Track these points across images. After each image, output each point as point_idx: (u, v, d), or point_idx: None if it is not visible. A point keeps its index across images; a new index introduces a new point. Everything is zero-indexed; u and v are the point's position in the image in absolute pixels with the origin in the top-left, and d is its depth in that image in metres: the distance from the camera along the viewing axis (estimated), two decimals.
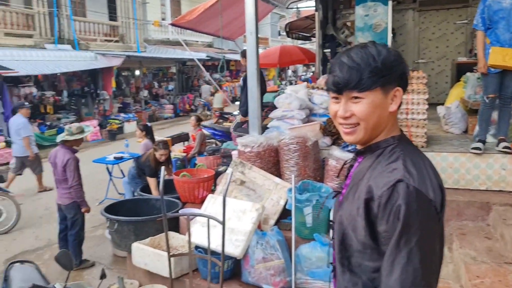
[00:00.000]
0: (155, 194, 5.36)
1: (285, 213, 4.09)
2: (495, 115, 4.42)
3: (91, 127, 5.44)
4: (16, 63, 11.42)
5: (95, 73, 15.13)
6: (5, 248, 5.69)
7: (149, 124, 7.51)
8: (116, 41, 16.72)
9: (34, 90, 13.00)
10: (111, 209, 4.72)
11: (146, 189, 5.48)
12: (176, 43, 19.31)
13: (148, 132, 7.05)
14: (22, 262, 3.18)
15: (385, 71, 1.24)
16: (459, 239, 3.60)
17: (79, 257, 4.98)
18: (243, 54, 6.90)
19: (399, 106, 1.33)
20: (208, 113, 18.57)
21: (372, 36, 6.41)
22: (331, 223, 1.49)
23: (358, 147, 1.40)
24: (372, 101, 1.25)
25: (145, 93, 18.73)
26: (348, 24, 8.33)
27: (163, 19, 20.84)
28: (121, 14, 17.00)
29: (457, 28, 8.31)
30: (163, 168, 3.56)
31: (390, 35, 6.43)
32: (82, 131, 5.00)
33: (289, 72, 32.01)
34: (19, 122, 7.76)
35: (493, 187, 4.19)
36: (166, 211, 3.37)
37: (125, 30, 17.15)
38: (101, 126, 14.47)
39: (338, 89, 1.29)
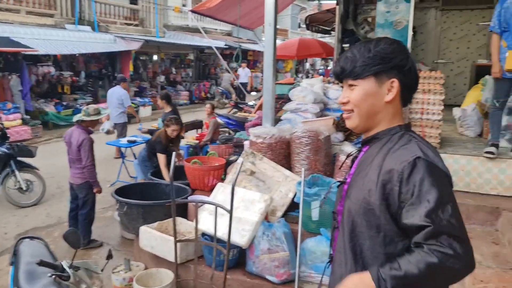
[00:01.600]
0: (163, 171, 5.43)
1: (293, 206, 4.10)
2: (511, 120, 4.36)
3: (107, 109, 5.50)
4: (36, 42, 11.53)
5: (113, 55, 15.22)
6: (17, 223, 5.81)
7: (169, 92, 7.55)
8: (136, 25, 16.77)
9: (52, 69, 13.16)
10: (122, 191, 4.78)
11: (156, 173, 5.53)
12: (195, 30, 19.30)
13: (168, 101, 7.09)
14: (31, 238, 3.24)
15: (378, 61, 1.33)
16: None
17: (88, 237, 5.07)
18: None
19: (407, 100, 1.42)
20: (226, 101, 18.58)
21: (393, 33, 6.32)
22: (333, 213, 1.52)
23: (364, 137, 1.47)
24: (364, 89, 1.36)
25: (161, 78, 18.80)
26: (369, 19, 8.23)
27: (183, 5, 20.83)
28: None
29: (479, 29, 8.15)
30: (174, 153, 3.60)
31: (410, 33, 6.35)
32: (98, 113, 5.06)
33: (307, 65, 31.82)
34: (122, 93, 8.82)
35: (504, 193, 4.14)
36: (175, 197, 3.41)
37: (145, 14, 17.18)
38: None
39: (336, 76, 1.44)
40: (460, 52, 8.46)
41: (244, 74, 18.27)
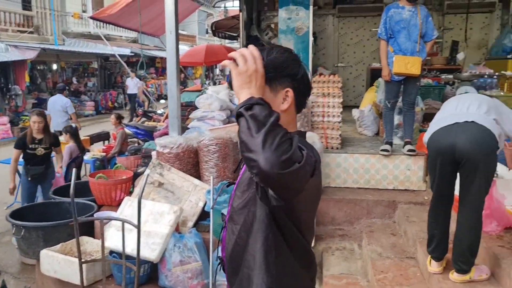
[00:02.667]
0: (12, 165, 5.54)
1: (204, 215, 4.07)
2: (402, 119, 4.74)
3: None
4: None
5: (6, 65, 14.03)
6: None
7: (73, 125, 7.02)
8: (31, 32, 15.64)
9: None
10: (19, 213, 4.39)
11: (58, 192, 5.18)
12: (98, 37, 18.44)
13: (73, 135, 6.55)
14: None
15: (269, 71, 1.31)
16: (368, 236, 3.81)
17: None
18: None
19: (302, 106, 1.43)
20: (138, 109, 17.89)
21: (295, 39, 6.56)
22: (222, 214, 1.54)
23: None
24: None
25: None
26: (272, 26, 8.48)
27: (83, 11, 19.84)
28: (36, 3, 15.92)
29: (372, 35, 8.78)
30: (74, 170, 3.39)
31: (311, 39, 6.64)
32: None
33: (217, 71, 31.93)
34: (65, 101, 8.74)
35: (399, 187, 4.49)
36: (78, 215, 3.22)
37: (40, 21, 16.08)
38: (13, 123, 13.47)
39: (230, 86, 1.40)
40: (357, 56, 9.05)
41: (133, 84, 16.84)
